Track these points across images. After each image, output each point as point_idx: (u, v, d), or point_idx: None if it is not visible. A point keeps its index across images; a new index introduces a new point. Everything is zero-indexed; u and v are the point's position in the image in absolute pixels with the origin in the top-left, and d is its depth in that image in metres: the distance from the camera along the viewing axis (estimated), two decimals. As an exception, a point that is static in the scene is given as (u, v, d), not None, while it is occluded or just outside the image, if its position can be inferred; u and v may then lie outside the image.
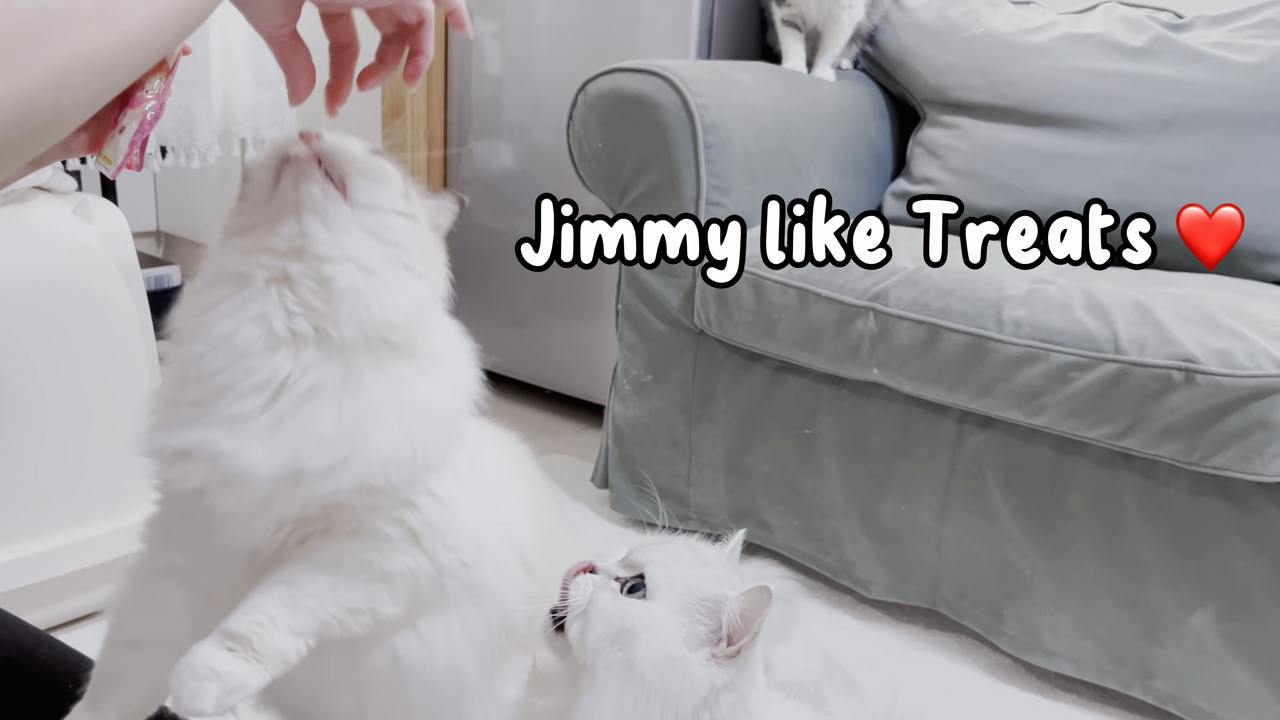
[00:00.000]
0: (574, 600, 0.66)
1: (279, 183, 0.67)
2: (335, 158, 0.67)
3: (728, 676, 0.62)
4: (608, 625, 0.63)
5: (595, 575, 0.67)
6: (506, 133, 2.19)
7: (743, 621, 0.62)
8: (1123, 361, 1.19)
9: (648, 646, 0.62)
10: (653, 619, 0.63)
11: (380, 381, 0.69)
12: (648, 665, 0.61)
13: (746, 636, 0.62)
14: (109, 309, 1.30)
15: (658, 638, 0.62)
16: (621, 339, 1.68)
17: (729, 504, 1.62)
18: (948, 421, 1.37)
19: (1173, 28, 1.72)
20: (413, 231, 0.72)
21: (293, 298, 0.66)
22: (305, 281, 0.66)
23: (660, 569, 0.66)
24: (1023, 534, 1.33)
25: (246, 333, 0.66)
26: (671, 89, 1.50)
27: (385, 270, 0.69)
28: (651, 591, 0.65)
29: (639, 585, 0.65)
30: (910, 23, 1.90)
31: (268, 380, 0.66)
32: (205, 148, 1.80)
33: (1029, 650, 1.34)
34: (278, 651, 0.68)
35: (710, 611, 0.63)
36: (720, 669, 0.62)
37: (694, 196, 1.53)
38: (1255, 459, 1.13)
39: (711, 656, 0.62)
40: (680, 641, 0.62)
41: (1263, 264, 1.55)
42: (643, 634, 0.62)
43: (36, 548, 1.25)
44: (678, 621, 0.63)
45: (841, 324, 1.39)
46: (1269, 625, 1.18)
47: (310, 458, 0.66)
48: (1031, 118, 1.74)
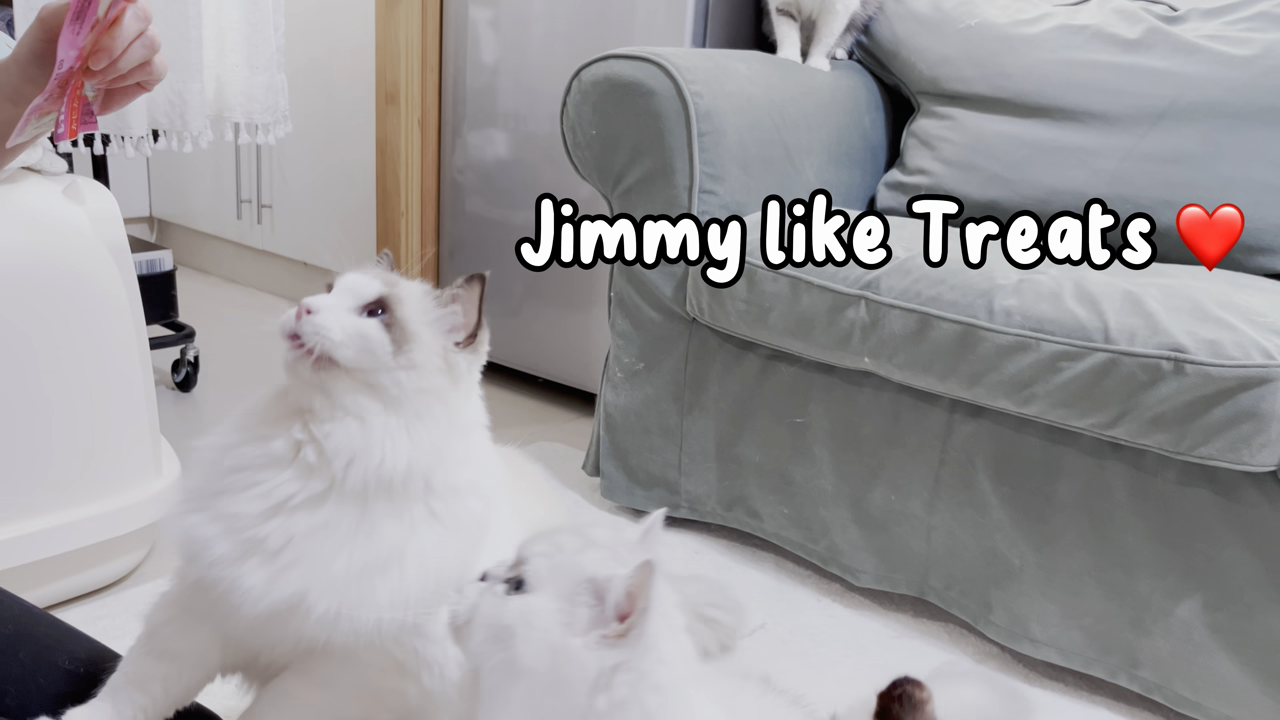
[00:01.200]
0: (460, 609, 0.63)
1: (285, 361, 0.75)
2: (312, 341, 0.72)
3: (620, 656, 0.59)
4: (487, 627, 0.61)
5: (484, 583, 0.64)
6: (501, 121, 2.19)
7: (628, 599, 0.59)
8: (1113, 351, 1.19)
9: (526, 640, 0.59)
10: (529, 611, 0.60)
11: (393, 529, 0.74)
12: (530, 659, 0.59)
13: (634, 613, 0.59)
14: (98, 290, 1.29)
15: (535, 628, 0.59)
16: (614, 327, 1.68)
17: (720, 492, 1.62)
18: (938, 411, 1.37)
19: (1167, 20, 1.72)
20: (407, 382, 0.75)
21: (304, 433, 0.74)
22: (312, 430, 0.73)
23: (541, 560, 0.63)
24: (1011, 523, 1.33)
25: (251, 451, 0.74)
26: (666, 77, 1.50)
27: (381, 420, 0.73)
28: (531, 584, 0.62)
29: (521, 580, 0.62)
30: (905, 13, 1.90)
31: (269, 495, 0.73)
32: (198, 132, 1.80)
33: (1016, 639, 1.35)
34: None
35: (594, 592, 0.60)
36: (611, 649, 0.59)
37: (687, 185, 1.53)
38: (1243, 449, 1.13)
39: (602, 638, 0.59)
40: (561, 628, 0.59)
41: (1253, 257, 1.56)
42: (520, 628, 0.60)
43: (28, 528, 1.25)
44: (556, 609, 0.60)
45: (833, 313, 1.39)
46: (1255, 616, 1.19)
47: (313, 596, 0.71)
48: (1025, 109, 1.74)
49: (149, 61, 0.68)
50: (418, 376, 0.75)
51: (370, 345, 0.73)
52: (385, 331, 0.74)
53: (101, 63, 0.66)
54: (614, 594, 0.60)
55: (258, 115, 1.93)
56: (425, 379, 0.75)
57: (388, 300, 0.75)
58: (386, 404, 0.74)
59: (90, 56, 0.67)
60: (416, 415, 0.75)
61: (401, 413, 0.74)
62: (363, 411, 0.73)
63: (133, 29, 0.66)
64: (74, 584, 1.34)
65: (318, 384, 0.73)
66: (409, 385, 0.74)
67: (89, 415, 1.30)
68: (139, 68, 0.68)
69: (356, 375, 0.73)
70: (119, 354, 1.32)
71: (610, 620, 0.60)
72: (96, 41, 0.66)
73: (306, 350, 0.72)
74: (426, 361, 0.76)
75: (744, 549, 1.64)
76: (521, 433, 2.04)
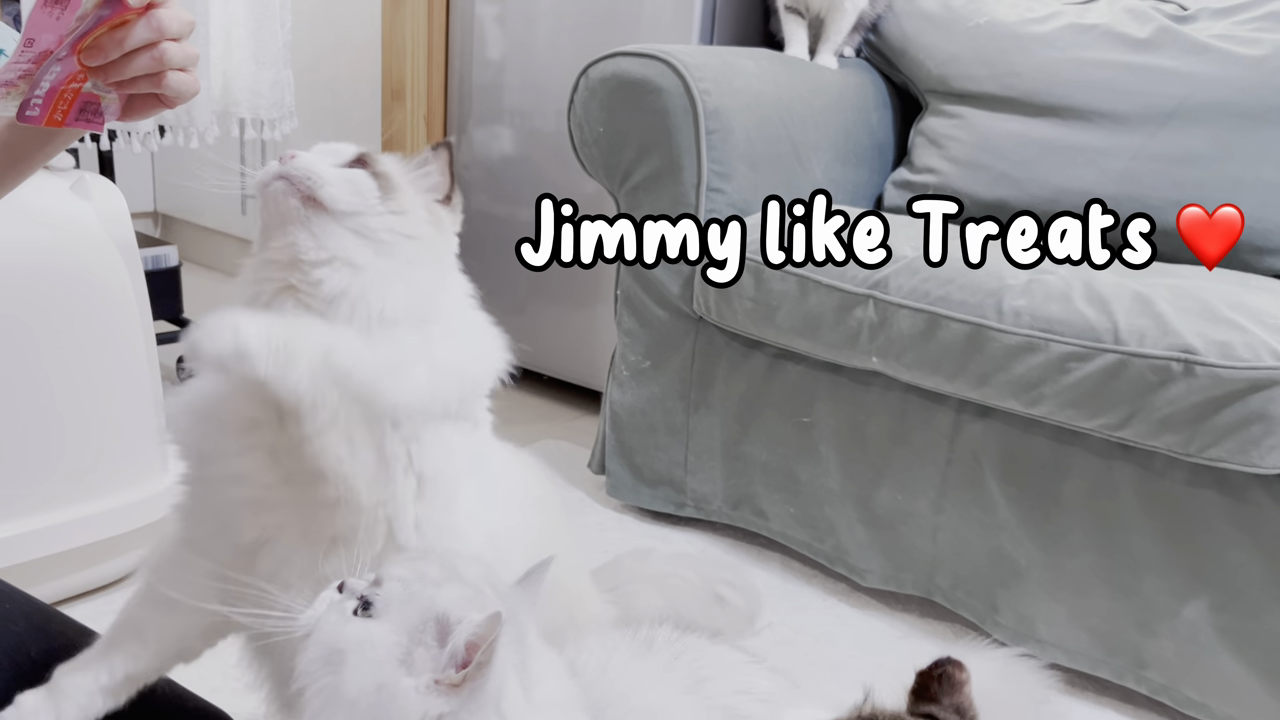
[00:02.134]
0: (305, 618, 0.59)
1: (266, 201, 0.72)
2: (300, 177, 0.71)
3: (448, 706, 0.54)
4: (322, 645, 0.57)
5: (339, 594, 0.60)
6: (507, 118, 2.18)
7: (468, 649, 0.55)
8: (1122, 352, 1.19)
9: (356, 668, 0.55)
10: (368, 639, 0.56)
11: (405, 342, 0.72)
12: (355, 689, 0.55)
13: (471, 665, 0.54)
14: (106, 287, 1.29)
15: (368, 659, 0.55)
16: (620, 325, 1.68)
17: (726, 491, 1.62)
18: (945, 411, 1.37)
19: (1177, 19, 1.71)
20: (398, 226, 0.74)
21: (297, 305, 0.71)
22: (304, 285, 0.71)
23: (397, 585, 0.59)
24: (1018, 524, 1.33)
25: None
26: (674, 74, 1.50)
27: (374, 264, 0.72)
28: (379, 610, 0.57)
29: (370, 603, 0.58)
30: (913, 11, 1.89)
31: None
32: (204, 127, 1.79)
33: (1023, 640, 1.35)
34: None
35: (438, 634, 0.56)
36: (441, 698, 0.54)
37: (695, 183, 1.52)
38: (1253, 451, 1.13)
39: (434, 683, 0.55)
40: (395, 664, 0.55)
41: (1263, 258, 1.55)
42: (353, 655, 0.55)
43: (36, 524, 1.25)
44: (395, 642, 0.56)
45: (841, 312, 1.39)
46: (1262, 617, 1.18)
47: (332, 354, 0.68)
48: (1034, 108, 1.73)
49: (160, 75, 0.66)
50: (406, 222, 0.75)
51: (359, 188, 0.73)
52: (372, 179, 0.74)
53: (96, 60, 0.65)
54: (455, 641, 0.55)
55: (264, 111, 1.92)
56: (414, 225, 0.75)
57: (366, 157, 0.76)
58: (378, 249, 0.73)
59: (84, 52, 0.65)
60: (409, 261, 0.74)
61: (394, 258, 0.73)
62: (354, 257, 0.72)
63: (140, 38, 0.64)
64: (81, 580, 1.34)
65: (304, 220, 0.71)
66: (399, 229, 0.74)
67: (95, 412, 1.30)
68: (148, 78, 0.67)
69: (345, 221, 0.72)
70: (125, 350, 1.32)
71: (447, 667, 0.55)
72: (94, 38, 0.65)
73: (294, 188, 0.71)
74: (413, 209, 0.76)
75: (750, 548, 1.64)
76: (527, 430, 2.04)
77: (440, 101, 2.29)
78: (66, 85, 0.66)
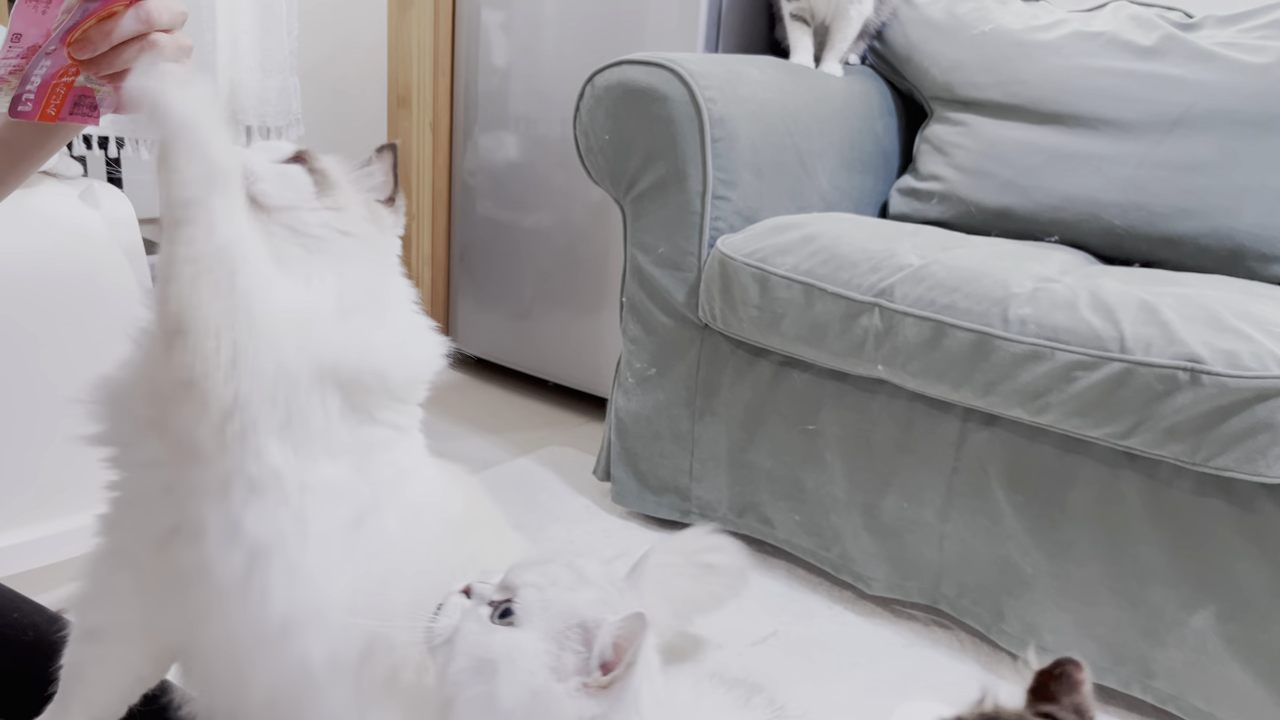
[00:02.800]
0: (440, 626, 0.60)
1: None
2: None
3: (599, 709, 0.56)
4: (469, 656, 0.58)
5: (468, 599, 0.61)
6: (512, 124, 2.19)
7: (615, 650, 0.56)
8: (1128, 361, 1.18)
9: (510, 679, 0.56)
10: (517, 648, 0.57)
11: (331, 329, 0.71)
12: (510, 700, 0.56)
13: (619, 666, 0.56)
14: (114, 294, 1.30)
15: (520, 669, 0.56)
16: (625, 332, 1.68)
17: (731, 499, 1.62)
18: (951, 419, 1.37)
19: (1182, 27, 1.72)
20: (334, 221, 0.73)
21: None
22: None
23: (533, 592, 0.60)
24: (1025, 532, 1.33)
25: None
26: (679, 82, 1.50)
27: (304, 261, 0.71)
28: (521, 617, 0.59)
29: (510, 610, 0.59)
30: (919, 19, 1.89)
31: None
32: (211, 135, 1.80)
33: (1029, 648, 1.34)
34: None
35: (583, 638, 0.57)
36: (591, 700, 0.56)
37: (700, 191, 1.53)
38: (1259, 460, 1.13)
39: (583, 686, 0.56)
40: (547, 672, 0.57)
41: (1269, 265, 1.55)
42: (505, 665, 0.57)
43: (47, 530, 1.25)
44: (544, 650, 0.57)
45: (846, 320, 1.39)
46: (1270, 627, 1.18)
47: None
48: (1039, 116, 1.73)
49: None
50: (342, 218, 0.74)
51: (293, 183, 0.72)
52: (308, 175, 0.73)
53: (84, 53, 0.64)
54: (601, 643, 0.57)
55: (270, 118, 1.93)
56: (350, 222, 0.74)
57: (305, 154, 0.75)
58: (310, 248, 0.71)
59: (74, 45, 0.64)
60: (342, 257, 0.73)
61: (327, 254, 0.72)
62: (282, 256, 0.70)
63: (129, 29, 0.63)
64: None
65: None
66: (335, 225, 0.73)
67: (103, 419, 1.30)
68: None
69: (278, 216, 0.71)
70: (133, 358, 1.32)
71: (594, 669, 0.57)
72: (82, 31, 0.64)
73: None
74: (350, 206, 0.75)
75: (755, 555, 1.63)
76: (532, 437, 2.04)
77: (446, 108, 2.30)
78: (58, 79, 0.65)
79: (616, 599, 0.61)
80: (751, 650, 1.38)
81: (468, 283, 2.33)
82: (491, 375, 2.38)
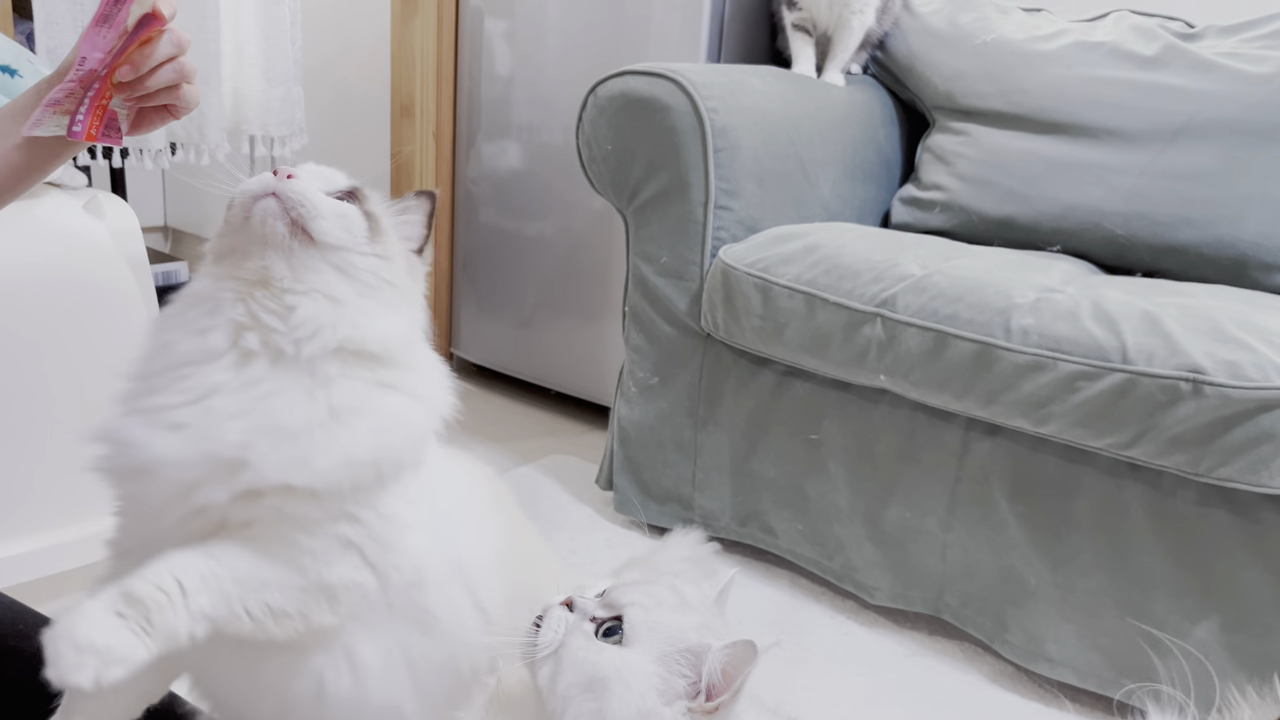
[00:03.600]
0: (545, 639, 0.61)
1: (250, 218, 0.70)
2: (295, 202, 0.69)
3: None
4: (580, 671, 0.59)
5: (571, 613, 0.63)
6: (515, 133, 2.19)
7: (723, 677, 0.58)
8: (1130, 371, 1.18)
9: (621, 698, 0.58)
10: (628, 669, 0.59)
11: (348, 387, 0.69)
12: (619, 717, 0.58)
13: (727, 693, 0.57)
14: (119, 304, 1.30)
15: (632, 689, 0.58)
16: (628, 341, 1.68)
17: (734, 508, 1.62)
18: (954, 429, 1.37)
19: (1184, 37, 1.72)
20: (381, 270, 0.73)
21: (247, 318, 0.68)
22: (268, 304, 0.68)
23: (640, 612, 0.61)
24: (1028, 542, 1.33)
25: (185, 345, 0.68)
26: (682, 92, 1.51)
27: (354, 301, 0.70)
28: (629, 637, 0.60)
29: (616, 629, 0.61)
30: (921, 29, 1.90)
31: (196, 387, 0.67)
32: (215, 144, 1.81)
33: (1032, 659, 1.34)
34: (172, 630, 0.63)
35: (690, 663, 0.59)
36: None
37: (703, 200, 1.53)
38: (1263, 471, 1.13)
39: (688, 711, 0.58)
40: (656, 694, 0.58)
41: (1271, 275, 1.55)
42: (616, 684, 0.58)
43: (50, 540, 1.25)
44: (654, 672, 0.59)
45: (849, 330, 1.39)
46: (1274, 638, 1.18)
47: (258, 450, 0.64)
48: (1041, 125, 1.74)
49: (178, 86, 0.70)
50: (388, 268, 0.73)
51: (350, 225, 0.71)
52: (363, 218, 0.72)
53: (127, 76, 0.68)
54: (710, 668, 0.58)
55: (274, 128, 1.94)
56: (394, 273, 0.73)
57: (359, 192, 0.74)
58: (359, 289, 0.71)
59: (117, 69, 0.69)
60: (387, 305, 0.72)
61: (375, 299, 0.71)
62: (335, 293, 0.69)
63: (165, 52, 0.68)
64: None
65: (287, 250, 0.68)
66: (382, 274, 0.72)
67: (107, 428, 1.30)
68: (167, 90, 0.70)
69: (330, 256, 0.70)
70: (137, 367, 1.32)
71: (700, 694, 0.58)
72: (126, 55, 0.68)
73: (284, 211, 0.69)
74: (396, 255, 0.74)
75: (758, 565, 1.63)
76: (534, 445, 2.04)
77: (449, 117, 2.31)
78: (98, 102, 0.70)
79: (716, 624, 0.62)
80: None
81: (470, 291, 2.33)
82: (494, 383, 2.38)
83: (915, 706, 1.31)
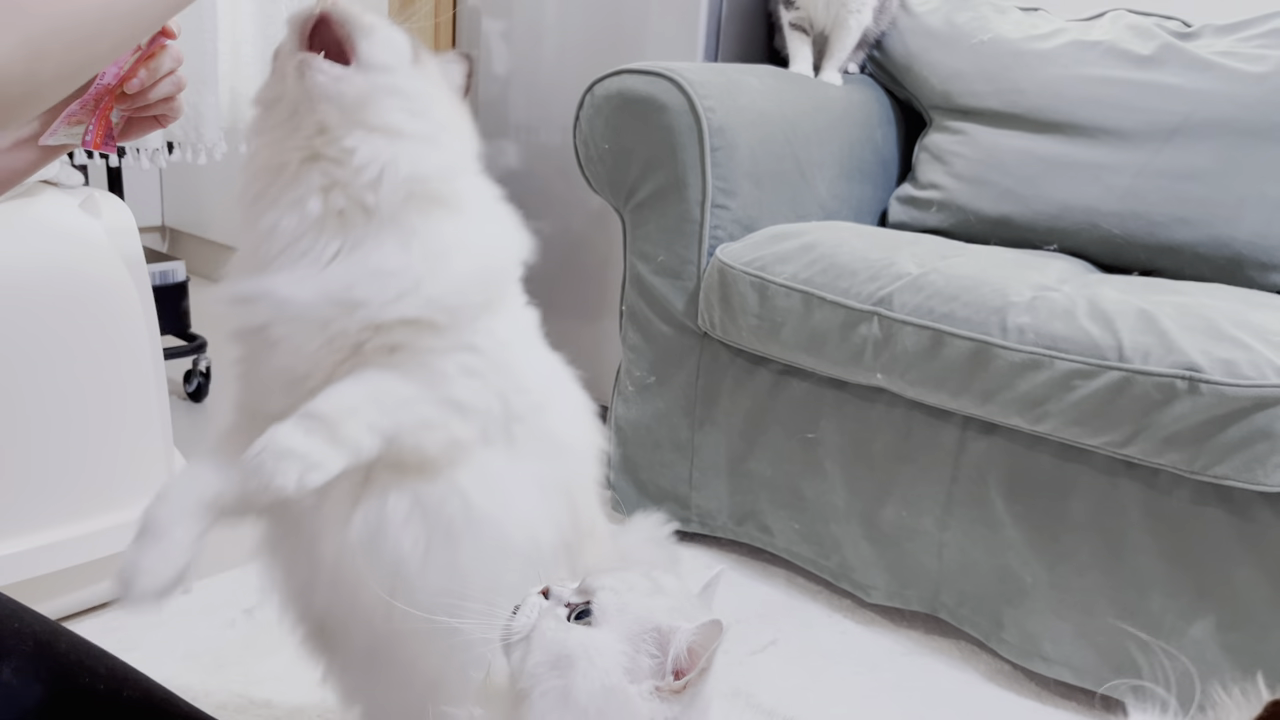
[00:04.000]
0: (519, 624, 0.63)
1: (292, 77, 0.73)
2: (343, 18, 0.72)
3: (671, 712, 0.58)
4: (547, 650, 0.60)
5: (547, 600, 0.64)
6: (512, 132, 2.19)
7: (690, 655, 0.59)
8: (1126, 370, 1.19)
9: (586, 675, 0.58)
10: (594, 646, 0.60)
11: (438, 228, 0.75)
12: (585, 694, 0.58)
13: (693, 671, 0.58)
14: (114, 303, 1.30)
15: (597, 666, 0.59)
16: (625, 340, 1.68)
17: (731, 507, 1.62)
18: (950, 428, 1.37)
19: (1180, 36, 1.72)
20: (428, 92, 0.76)
21: (325, 177, 0.73)
22: (333, 154, 0.73)
23: (610, 595, 0.62)
24: (1024, 541, 1.33)
25: (287, 222, 0.73)
26: (679, 91, 1.51)
27: (409, 131, 0.74)
28: (597, 618, 0.61)
29: (587, 611, 0.62)
30: (918, 28, 1.90)
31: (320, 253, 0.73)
32: (212, 143, 1.81)
33: (1028, 657, 1.34)
34: (355, 441, 0.71)
35: (658, 643, 0.60)
36: (664, 704, 0.58)
37: (700, 199, 1.53)
38: (1258, 469, 1.13)
39: (655, 690, 0.58)
40: (622, 672, 0.59)
41: (1267, 274, 1.55)
42: (582, 661, 0.59)
43: (43, 540, 1.25)
44: (620, 650, 0.59)
45: (845, 329, 1.39)
46: (1269, 637, 1.18)
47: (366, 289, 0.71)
48: (1038, 124, 1.74)
49: (173, 98, 0.75)
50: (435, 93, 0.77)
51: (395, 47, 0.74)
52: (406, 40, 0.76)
53: (134, 89, 0.72)
54: (677, 648, 0.59)
55: (271, 127, 1.93)
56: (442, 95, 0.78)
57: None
58: (410, 117, 0.74)
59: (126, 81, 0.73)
60: (439, 134, 0.76)
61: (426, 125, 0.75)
62: (389, 123, 0.73)
63: (166, 65, 0.72)
64: (89, 595, 1.34)
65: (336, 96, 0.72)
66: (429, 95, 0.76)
67: (104, 427, 1.30)
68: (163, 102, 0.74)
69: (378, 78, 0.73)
70: (134, 366, 1.32)
71: (667, 673, 0.59)
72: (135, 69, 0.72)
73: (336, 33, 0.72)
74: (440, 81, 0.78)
75: (755, 564, 1.64)
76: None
77: (446, 117, 2.30)
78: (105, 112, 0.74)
79: (691, 610, 0.63)
80: (751, 659, 1.38)
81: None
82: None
83: (911, 705, 1.32)
